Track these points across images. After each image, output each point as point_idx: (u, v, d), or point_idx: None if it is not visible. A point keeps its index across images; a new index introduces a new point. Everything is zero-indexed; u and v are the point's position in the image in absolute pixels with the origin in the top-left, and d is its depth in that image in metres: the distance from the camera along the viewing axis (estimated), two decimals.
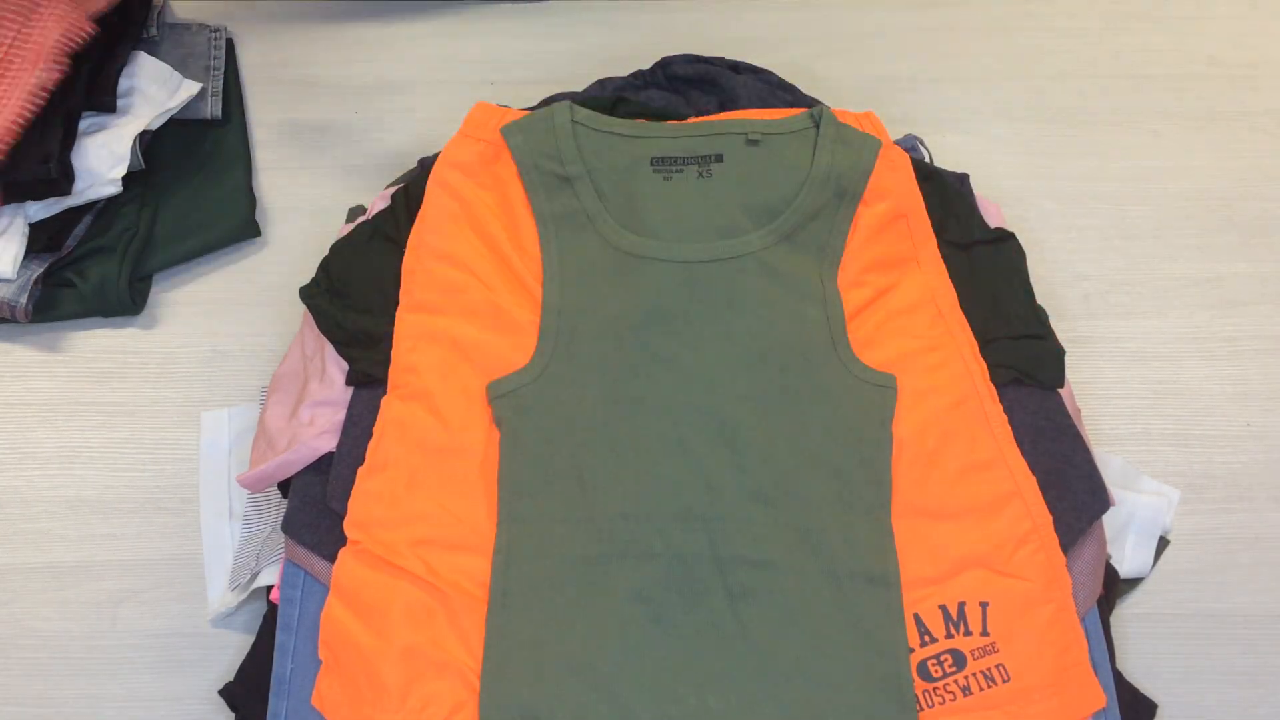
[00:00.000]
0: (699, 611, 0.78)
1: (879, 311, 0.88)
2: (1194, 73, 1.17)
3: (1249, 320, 1.04)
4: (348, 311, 0.90)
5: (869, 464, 0.82)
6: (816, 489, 0.81)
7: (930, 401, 0.85)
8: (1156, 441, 0.99)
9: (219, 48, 1.15)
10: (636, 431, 0.82)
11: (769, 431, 0.82)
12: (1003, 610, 0.79)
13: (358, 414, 0.86)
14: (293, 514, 0.85)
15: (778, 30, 1.19)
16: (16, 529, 0.96)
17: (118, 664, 0.92)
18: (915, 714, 0.76)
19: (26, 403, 1.02)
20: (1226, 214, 1.09)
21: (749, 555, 0.79)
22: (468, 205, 0.90)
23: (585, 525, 0.80)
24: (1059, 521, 0.82)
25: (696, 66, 1.03)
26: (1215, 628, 0.92)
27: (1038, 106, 1.15)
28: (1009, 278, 0.91)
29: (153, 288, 1.06)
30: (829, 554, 0.79)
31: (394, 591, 0.79)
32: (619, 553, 0.79)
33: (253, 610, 0.92)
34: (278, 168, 1.12)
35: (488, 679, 0.77)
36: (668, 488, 0.81)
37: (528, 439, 0.83)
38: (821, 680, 0.76)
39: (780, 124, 0.92)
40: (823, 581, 0.79)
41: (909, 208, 0.91)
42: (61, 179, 0.99)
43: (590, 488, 0.81)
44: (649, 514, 0.80)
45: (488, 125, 0.92)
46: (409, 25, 1.21)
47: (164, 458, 0.99)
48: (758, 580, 0.79)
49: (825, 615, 0.78)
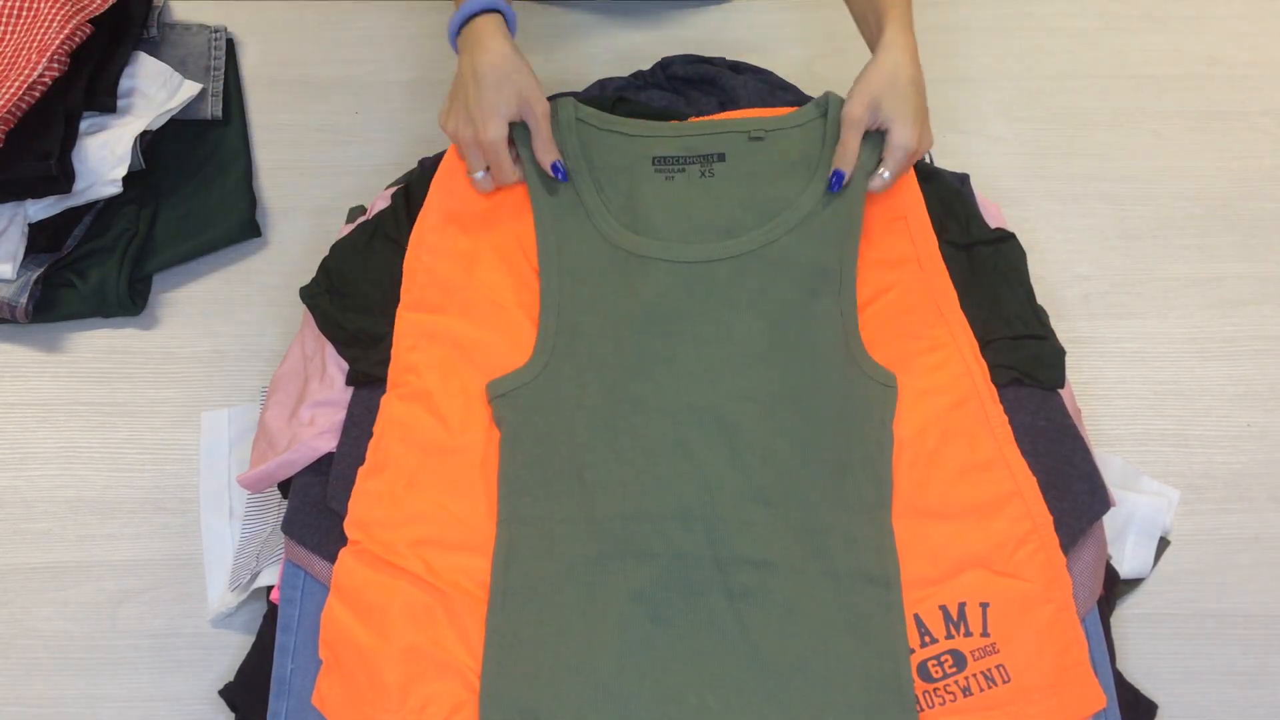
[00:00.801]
0: (699, 612, 0.78)
1: (880, 311, 0.88)
2: (1194, 73, 1.17)
3: (1249, 320, 1.04)
4: (348, 311, 0.90)
5: (870, 463, 0.82)
6: (817, 489, 0.81)
7: (931, 401, 0.85)
8: (1156, 442, 0.99)
9: (219, 48, 1.15)
10: (636, 432, 0.82)
11: (770, 431, 0.82)
12: (1003, 611, 0.79)
13: (358, 414, 0.86)
14: (293, 514, 0.85)
15: (778, 30, 1.19)
16: (16, 529, 0.96)
17: (118, 664, 0.92)
18: (915, 714, 0.76)
19: (26, 403, 1.02)
20: (1226, 214, 1.09)
21: (749, 555, 0.79)
22: (470, 204, 0.90)
23: (585, 525, 0.80)
24: (1059, 522, 0.82)
25: (697, 67, 1.03)
26: (1215, 628, 0.92)
27: (1038, 106, 1.15)
28: (1009, 278, 0.91)
29: (153, 288, 1.06)
30: (829, 554, 0.79)
31: (394, 591, 0.79)
32: (619, 553, 0.79)
33: (253, 610, 0.92)
34: (278, 168, 1.12)
35: (487, 678, 0.77)
36: (667, 488, 0.81)
37: (527, 439, 0.83)
38: (821, 680, 0.76)
39: (784, 119, 0.92)
40: (822, 582, 0.79)
41: (909, 208, 0.91)
42: (62, 178, 0.99)
43: (590, 487, 0.81)
44: (649, 514, 0.80)
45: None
46: (409, 25, 1.21)
47: (164, 458, 0.99)
48: (757, 581, 0.79)
49: (825, 616, 0.78)
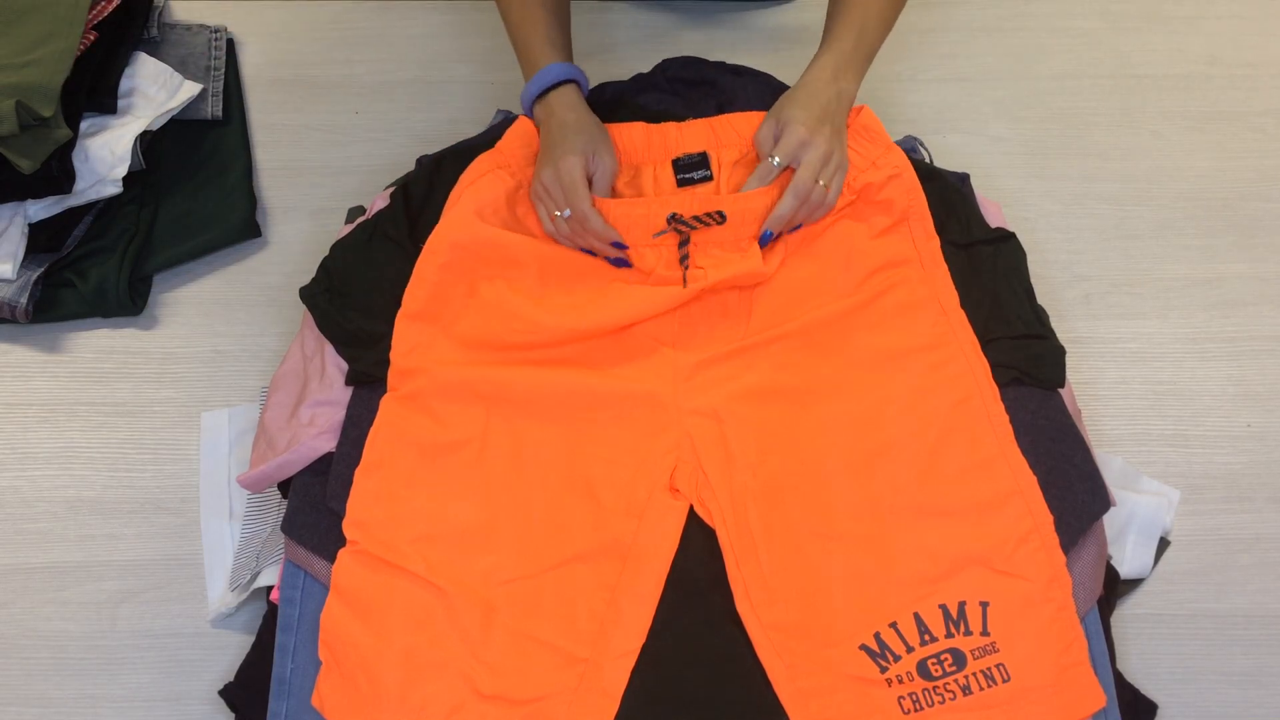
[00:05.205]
0: None
1: (881, 310, 0.88)
2: (1194, 73, 1.17)
3: (1249, 320, 1.04)
4: (348, 311, 0.90)
5: None
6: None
7: (932, 400, 0.85)
8: (1156, 442, 0.99)
9: (219, 48, 1.15)
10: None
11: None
12: (1003, 610, 0.79)
13: (357, 414, 0.86)
14: (293, 514, 0.85)
15: (778, 31, 1.19)
16: (16, 529, 0.96)
17: (118, 664, 0.92)
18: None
19: (26, 403, 1.02)
20: (1226, 214, 1.09)
21: None
22: (488, 226, 0.90)
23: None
24: (1059, 521, 0.81)
25: (696, 69, 1.03)
26: (1215, 628, 0.92)
27: (1038, 106, 1.15)
28: (1009, 277, 0.91)
29: (153, 288, 1.06)
30: None
31: (393, 591, 0.79)
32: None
33: (253, 610, 0.92)
34: (278, 168, 1.12)
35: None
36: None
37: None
38: None
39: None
40: None
41: (910, 208, 0.91)
42: (62, 178, 0.99)
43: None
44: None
45: (519, 154, 0.93)
46: (409, 25, 1.21)
47: (164, 458, 0.99)
48: None
49: None
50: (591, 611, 0.80)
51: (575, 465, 0.84)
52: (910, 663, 0.78)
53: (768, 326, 0.88)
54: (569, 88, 0.90)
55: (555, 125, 0.88)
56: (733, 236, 0.89)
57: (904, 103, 1.15)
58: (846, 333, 0.88)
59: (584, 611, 0.80)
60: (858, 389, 0.86)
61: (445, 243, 0.89)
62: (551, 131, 0.88)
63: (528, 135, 0.93)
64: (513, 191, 0.92)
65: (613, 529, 0.82)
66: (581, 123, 0.88)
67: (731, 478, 0.83)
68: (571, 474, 0.84)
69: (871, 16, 0.88)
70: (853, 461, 0.83)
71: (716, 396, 0.85)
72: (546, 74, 0.89)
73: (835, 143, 0.86)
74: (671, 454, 0.84)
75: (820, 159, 0.85)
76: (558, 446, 0.85)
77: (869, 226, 0.91)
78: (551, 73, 0.89)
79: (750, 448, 0.84)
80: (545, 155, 0.88)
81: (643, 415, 0.85)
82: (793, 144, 0.85)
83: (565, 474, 0.84)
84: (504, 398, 0.86)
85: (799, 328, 0.88)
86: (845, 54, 0.88)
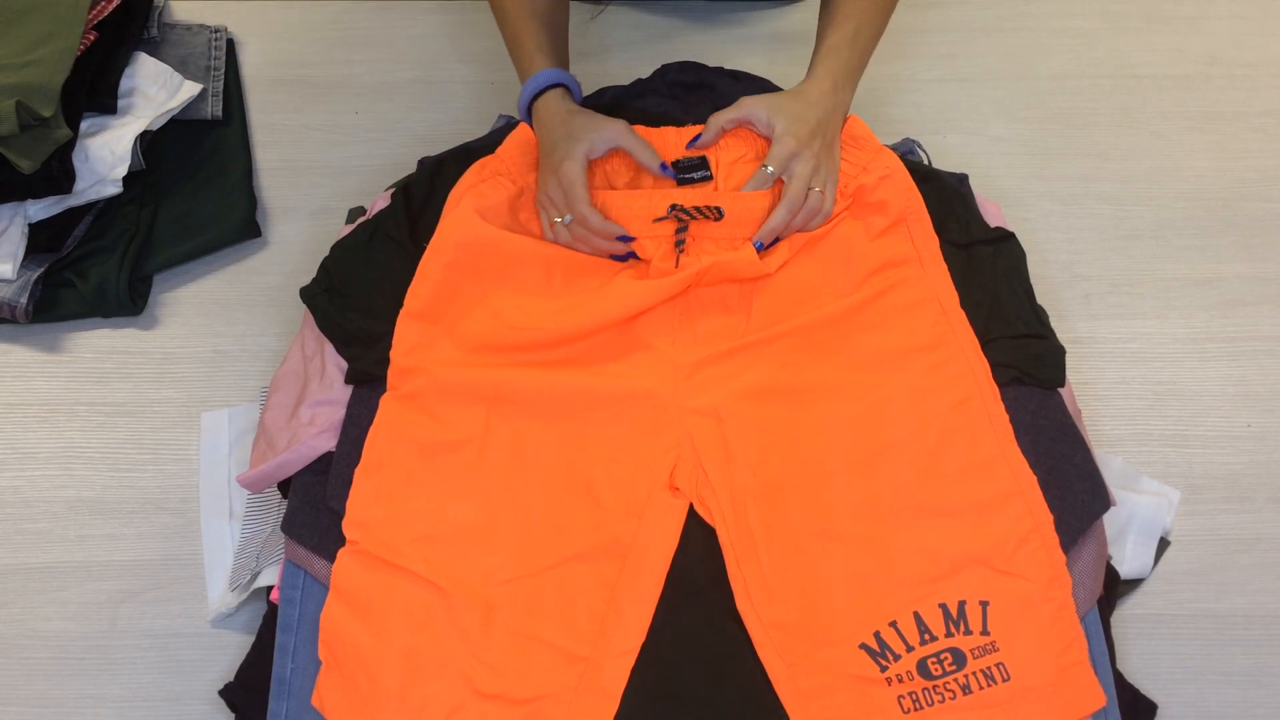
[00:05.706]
0: None
1: (881, 310, 0.88)
2: (1194, 73, 1.17)
3: (1249, 320, 1.04)
4: (348, 311, 0.90)
5: None
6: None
7: (932, 399, 0.85)
8: (1156, 442, 0.99)
9: (219, 48, 1.15)
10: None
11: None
12: (1003, 609, 0.79)
13: (357, 414, 0.87)
14: (293, 514, 0.85)
15: (777, 33, 1.19)
16: (16, 529, 0.96)
17: (118, 664, 0.91)
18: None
19: (26, 403, 1.02)
20: (1226, 214, 1.09)
21: None
22: (489, 228, 0.90)
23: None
24: (1059, 521, 0.81)
25: (695, 73, 1.03)
26: (1215, 628, 0.92)
27: (1038, 106, 1.15)
28: (1009, 277, 0.91)
29: (153, 288, 1.06)
30: None
31: (393, 591, 0.79)
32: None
33: (253, 610, 0.92)
34: (278, 168, 1.13)
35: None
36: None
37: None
38: None
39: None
40: None
41: (909, 209, 0.91)
42: (62, 178, 0.99)
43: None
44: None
45: (518, 161, 0.93)
46: (409, 25, 1.21)
47: (164, 458, 0.99)
48: None
49: None
50: (591, 611, 0.80)
51: (575, 465, 0.84)
52: (910, 662, 0.78)
53: (767, 326, 0.88)
54: (556, 92, 0.90)
55: (546, 134, 0.89)
56: (729, 234, 0.89)
57: (903, 103, 1.15)
58: (846, 332, 0.88)
59: (584, 611, 0.80)
60: (858, 389, 0.86)
61: (450, 242, 0.89)
62: (544, 140, 0.89)
63: (526, 143, 0.93)
64: (514, 197, 0.92)
65: (612, 528, 0.82)
66: (570, 124, 0.88)
67: (731, 477, 0.83)
68: (571, 473, 0.84)
69: (866, 24, 0.89)
70: (853, 461, 0.83)
71: (717, 395, 0.85)
72: (534, 81, 0.90)
73: (824, 156, 0.88)
74: (671, 453, 0.84)
75: (810, 170, 0.87)
76: (558, 446, 0.85)
77: (867, 227, 0.91)
78: (539, 80, 0.90)
79: (750, 447, 0.84)
80: (544, 164, 0.89)
81: (643, 414, 0.85)
82: (784, 154, 0.86)
83: (565, 473, 0.84)
84: (504, 397, 0.86)
85: (799, 327, 0.88)
86: (844, 64, 0.89)
